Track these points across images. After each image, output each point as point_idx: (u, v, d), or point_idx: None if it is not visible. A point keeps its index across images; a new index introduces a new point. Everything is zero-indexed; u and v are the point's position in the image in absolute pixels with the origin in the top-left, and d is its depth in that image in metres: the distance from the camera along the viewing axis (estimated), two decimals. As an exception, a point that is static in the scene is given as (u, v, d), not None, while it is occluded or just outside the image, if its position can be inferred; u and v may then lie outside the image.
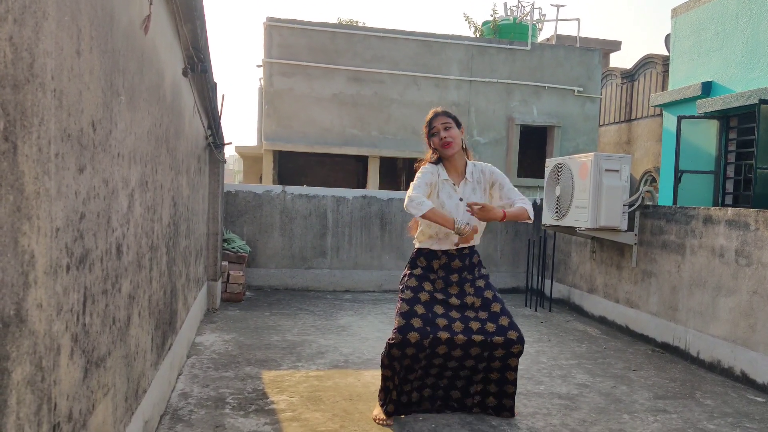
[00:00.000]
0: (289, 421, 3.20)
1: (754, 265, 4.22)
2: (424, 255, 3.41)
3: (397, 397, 3.31)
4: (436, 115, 3.42)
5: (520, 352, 3.33)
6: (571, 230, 6.02)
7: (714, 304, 4.60)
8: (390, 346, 3.24)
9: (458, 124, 3.41)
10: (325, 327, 5.47)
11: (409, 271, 3.43)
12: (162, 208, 2.97)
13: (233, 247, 6.80)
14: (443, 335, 3.22)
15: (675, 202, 8.05)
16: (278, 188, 7.53)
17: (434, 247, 3.39)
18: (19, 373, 1.15)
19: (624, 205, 5.50)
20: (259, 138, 14.91)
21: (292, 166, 15.28)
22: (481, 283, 3.41)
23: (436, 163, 3.41)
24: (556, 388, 3.98)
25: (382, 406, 3.34)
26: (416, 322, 3.22)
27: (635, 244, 5.61)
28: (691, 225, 4.90)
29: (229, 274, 6.47)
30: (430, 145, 3.45)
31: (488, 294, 3.37)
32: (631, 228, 5.63)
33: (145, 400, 2.65)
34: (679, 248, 5.02)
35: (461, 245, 3.35)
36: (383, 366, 3.32)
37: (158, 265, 2.93)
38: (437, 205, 3.28)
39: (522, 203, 3.36)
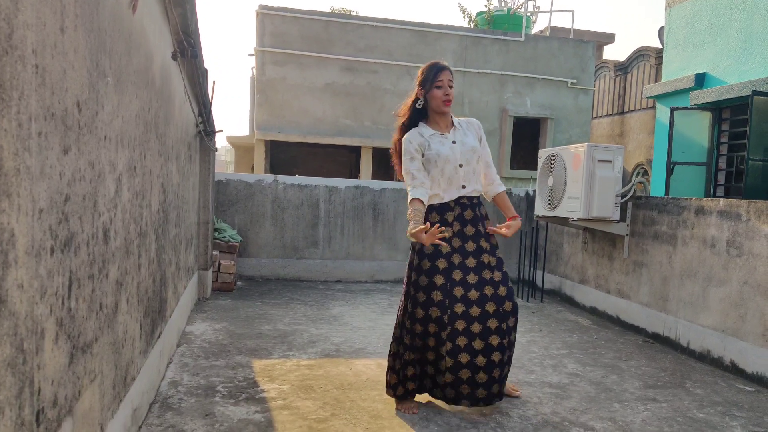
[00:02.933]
0: (280, 410, 3.18)
1: (744, 256, 4.23)
2: (437, 209, 3.29)
3: (415, 373, 3.27)
4: (444, 68, 3.32)
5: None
6: (563, 221, 6.02)
7: (705, 295, 4.61)
8: (411, 323, 3.19)
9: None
10: (316, 317, 5.45)
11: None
12: (151, 195, 2.93)
13: (224, 237, 6.76)
14: (459, 308, 3.18)
15: (667, 193, 8.06)
16: (270, 178, 7.48)
17: (443, 200, 3.29)
18: (-1, 354, 1.12)
19: (616, 196, 5.50)
20: (251, 128, 14.83)
21: (284, 156, 15.22)
22: (494, 241, 3.36)
23: (413, 122, 3.35)
24: (547, 378, 3.98)
25: (398, 386, 3.28)
26: (437, 296, 3.16)
27: (627, 234, 5.61)
28: (682, 216, 4.90)
29: (220, 264, 6.44)
30: (420, 95, 3.32)
31: (499, 254, 3.36)
32: (623, 219, 5.63)
33: (134, 388, 2.62)
34: (671, 239, 5.03)
35: (467, 195, 3.30)
36: (406, 346, 3.24)
37: (147, 252, 2.89)
38: (433, 157, 3.23)
39: (501, 187, 3.51)
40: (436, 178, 3.26)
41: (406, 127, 3.38)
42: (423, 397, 3.46)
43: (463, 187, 3.28)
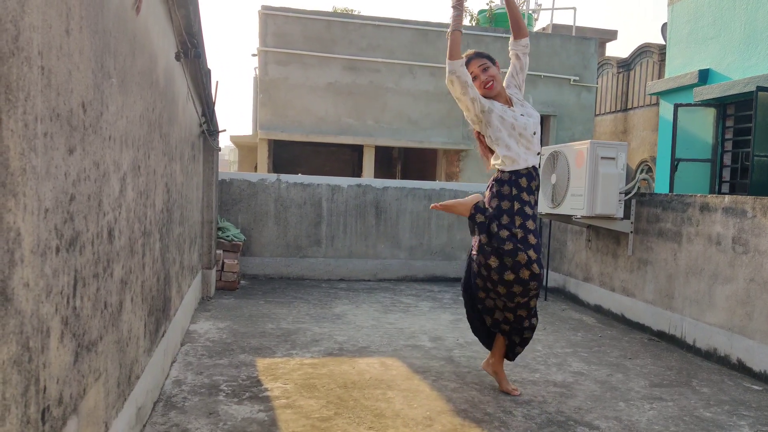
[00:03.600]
0: (283, 408, 3.19)
1: (750, 253, 4.22)
2: (508, 182, 3.41)
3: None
4: (470, 58, 3.42)
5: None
6: (567, 218, 6.01)
7: (710, 293, 4.60)
8: (503, 270, 3.31)
9: (493, 62, 3.47)
10: (319, 315, 5.46)
11: (498, 203, 3.41)
12: (155, 194, 2.93)
13: (228, 236, 6.77)
14: (523, 256, 3.33)
15: (671, 190, 8.04)
16: (273, 177, 7.49)
17: (521, 166, 3.40)
18: (5, 352, 1.12)
19: (620, 193, 5.49)
20: (254, 127, 14.85)
21: (287, 156, 15.23)
22: (536, 210, 3.52)
23: None
24: (552, 376, 3.98)
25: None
26: (522, 257, 3.30)
27: (631, 232, 5.60)
28: (687, 213, 4.89)
29: (223, 263, 6.45)
30: (465, 87, 3.42)
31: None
32: (627, 216, 5.62)
33: (138, 387, 2.63)
34: (676, 236, 5.02)
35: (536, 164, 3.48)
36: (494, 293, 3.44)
37: (151, 252, 2.90)
38: (509, 122, 3.39)
39: None
40: (507, 144, 3.39)
41: None
42: (430, 406, 3.46)
43: (538, 153, 3.48)
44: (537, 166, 3.50)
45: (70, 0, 1.51)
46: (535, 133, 3.45)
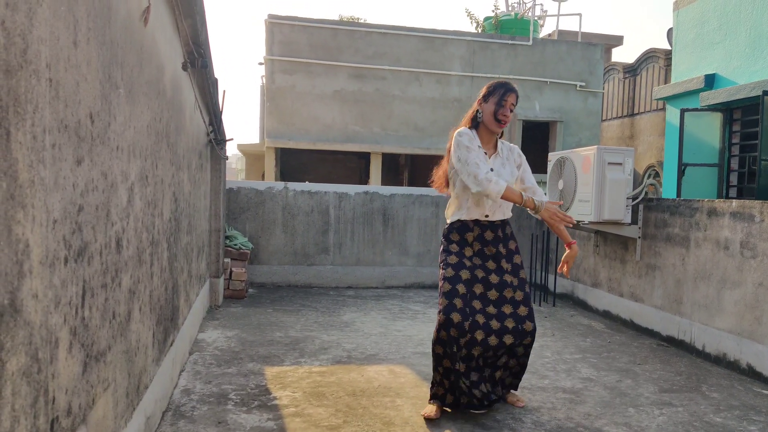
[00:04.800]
0: (292, 417, 3.19)
1: (759, 257, 4.19)
2: (457, 229, 3.34)
3: (457, 385, 3.23)
4: (513, 90, 3.31)
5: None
6: (574, 224, 5.99)
7: (719, 297, 4.57)
8: (438, 329, 3.18)
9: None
10: (328, 323, 5.46)
11: (445, 246, 3.34)
12: (163, 203, 2.95)
13: (235, 244, 6.78)
14: (480, 318, 3.21)
15: (679, 195, 8.01)
16: (280, 185, 7.51)
17: (464, 218, 3.31)
18: (14, 363, 1.13)
19: (627, 198, 5.47)
20: (261, 135, 14.90)
21: (294, 164, 15.28)
22: (518, 260, 3.38)
23: (471, 128, 3.37)
24: (561, 383, 3.96)
25: (437, 398, 3.29)
26: (458, 303, 3.16)
27: (639, 237, 5.58)
28: (695, 217, 4.87)
29: (231, 271, 6.46)
30: (479, 109, 3.34)
31: (522, 274, 3.37)
32: (634, 221, 5.60)
33: (147, 396, 2.64)
34: (684, 241, 4.99)
35: (491, 218, 3.32)
36: (439, 356, 3.23)
37: (159, 261, 2.91)
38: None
39: (542, 197, 3.41)
40: (461, 196, 3.30)
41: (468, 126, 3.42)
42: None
43: (487, 216, 3.31)
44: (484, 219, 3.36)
45: (78, 12, 1.52)
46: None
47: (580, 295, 6.79)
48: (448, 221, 3.41)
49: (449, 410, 3.35)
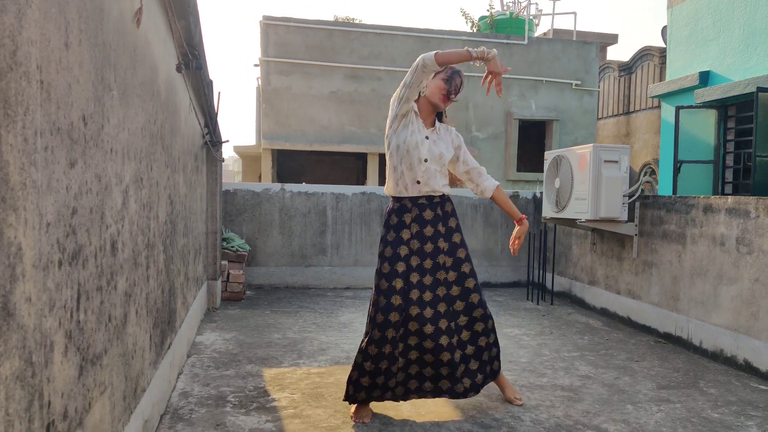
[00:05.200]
0: (291, 418, 3.18)
1: (755, 253, 4.20)
2: (395, 212, 3.28)
3: (369, 382, 3.17)
4: (458, 73, 3.35)
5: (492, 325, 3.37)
6: (571, 222, 6.00)
7: (716, 293, 4.57)
8: (373, 327, 3.14)
9: (457, 93, 3.41)
10: (326, 324, 5.45)
11: (384, 234, 3.29)
12: (158, 206, 2.94)
13: (233, 246, 6.77)
14: (414, 310, 3.15)
15: (675, 192, 8.03)
16: (277, 186, 7.50)
17: (402, 195, 3.26)
18: (8, 367, 1.13)
19: (624, 196, 5.48)
20: (258, 137, 14.89)
21: (291, 165, 15.27)
22: (456, 238, 3.31)
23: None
24: (559, 380, 3.96)
25: (352, 395, 3.21)
26: (396, 300, 3.13)
27: (636, 234, 5.59)
28: (691, 214, 4.88)
29: (228, 273, 6.45)
30: (431, 84, 3.29)
31: (461, 253, 3.29)
32: (631, 219, 5.60)
33: (145, 399, 2.63)
34: (680, 238, 5.00)
35: (426, 194, 3.26)
36: (364, 353, 3.17)
37: (155, 263, 2.91)
38: (403, 136, 3.24)
39: (488, 180, 3.48)
40: (395, 166, 3.26)
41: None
42: (438, 412, 3.45)
43: (418, 182, 3.22)
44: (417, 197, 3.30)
45: (69, 14, 1.52)
46: (426, 160, 3.24)
47: (577, 293, 6.80)
48: (390, 197, 3.37)
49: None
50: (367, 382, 3.18)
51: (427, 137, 3.28)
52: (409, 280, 3.20)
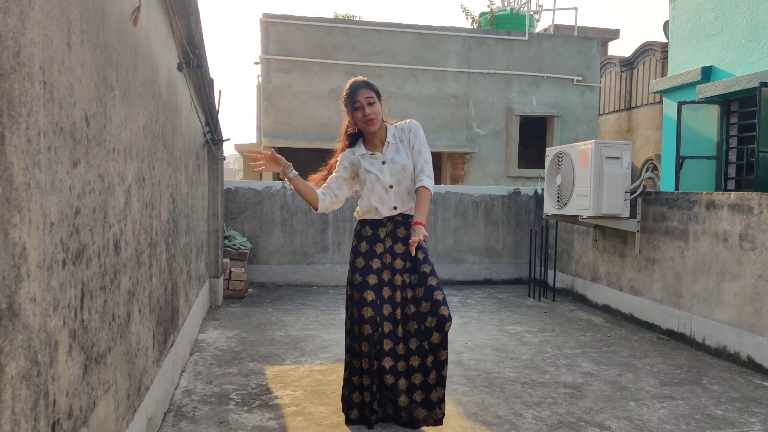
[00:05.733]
0: (294, 416, 3.19)
1: (758, 249, 4.19)
2: (370, 224, 3.20)
3: (361, 400, 3.07)
4: (358, 87, 3.16)
5: (446, 332, 3.01)
6: (573, 219, 5.99)
7: (719, 290, 4.57)
8: (351, 340, 3.06)
9: (379, 96, 3.21)
10: (327, 321, 5.46)
11: (356, 245, 3.20)
12: (160, 205, 2.95)
13: (234, 244, 6.78)
14: (387, 327, 3.04)
15: (677, 188, 8.01)
16: (278, 184, 7.51)
17: (376, 216, 3.19)
18: (14, 367, 1.13)
19: (626, 192, 5.48)
20: (259, 135, 14.88)
21: (292, 163, 15.24)
22: (420, 255, 3.11)
23: (351, 144, 3.28)
24: (561, 377, 3.96)
25: (346, 413, 3.13)
26: (367, 312, 3.01)
27: (638, 231, 5.58)
28: (693, 210, 4.87)
29: (230, 271, 6.46)
30: (350, 118, 3.23)
31: (425, 268, 3.08)
32: (633, 215, 5.60)
33: (148, 398, 2.64)
34: (683, 234, 5.00)
35: (400, 210, 3.17)
36: (348, 366, 3.10)
37: (158, 262, 2.91)
38: (363, 177, 3.19)
39: (420, 182, 3.16)
40: (367, 197, 3.19)
41: (344, 151, 3.32)
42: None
43: (395, 208, 3.17)
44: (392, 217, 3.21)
45: (71, 14, 1.52)
46: (391, 186, 3.15)
47: (579, 289, 6.80)
48: (358, 219, 3.28)
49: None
50: (358, 399, 3.08)
51: (383, 162, 3.18)
52: (382, 294, 3.09)
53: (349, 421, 3.12)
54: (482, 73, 12.39)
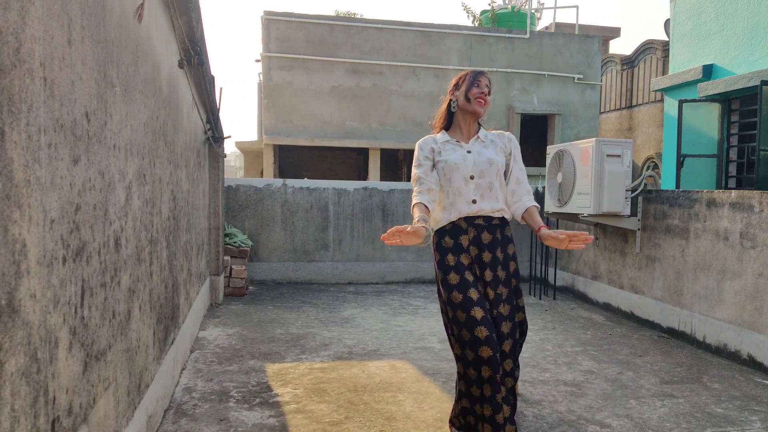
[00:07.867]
0: (294, 414, 3.19)
1: (759, 247, 4.19)
2: (449, 233, 2.83)
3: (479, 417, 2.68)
4: (483, 73, 3.01)
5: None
6: (574, 217, 5.99)
7: (719, 288, 4.57)
8: (463, 349, 2.66)
9: (489, 93, 2.99)
10: (328, 319, 5.46)
11: (440, 259, 2.82)
12: (161, 202, 2.94)
13: (235, 242, 6.78)
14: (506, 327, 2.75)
15: (678, 186, 8.00)
16: (279, 182, 7.50)
17: (453, 219, 2.82)
18: (13, 364, 1.13)
19: (626, 191, 5.47)
20: (260, 133, 14.88)
21: (292, 161, 15.26)
22: (513, 265, 2.87)
23: (446, 127, 3.02)
24: (562, 375, 3.96)
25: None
26: (482, 332, 2.60)
27: (639, 229, 5.58)
28: (694, 208, 4.87)
29: (231, 269, 6.46)
30: (452, 98, 2.99)
31: (514, 282, 2.88)
32: (634, 213, 5.59)
33: (148, 395, 2.64)
34: (683, 232, 4.99)
35: (483, 215, 2.83)
36: (465, 384, 2.70)
37: (158, 259, 2.91)
38: (441, 166, 2.86)
39: (530, 202, 2.95)
40: (445, 190, 2.87)
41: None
42: (441, 408, 3.45)
43: (474, 201, 2.81)
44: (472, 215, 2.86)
45: (72, 10, 1.51)
46: (472, 177, 2.84)
47: (580, 287, 6.79)
48: (435, 229, 2.91)
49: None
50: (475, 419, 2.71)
51: (469, 151, 2.90)
52: (489, 310, 2.76)
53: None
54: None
